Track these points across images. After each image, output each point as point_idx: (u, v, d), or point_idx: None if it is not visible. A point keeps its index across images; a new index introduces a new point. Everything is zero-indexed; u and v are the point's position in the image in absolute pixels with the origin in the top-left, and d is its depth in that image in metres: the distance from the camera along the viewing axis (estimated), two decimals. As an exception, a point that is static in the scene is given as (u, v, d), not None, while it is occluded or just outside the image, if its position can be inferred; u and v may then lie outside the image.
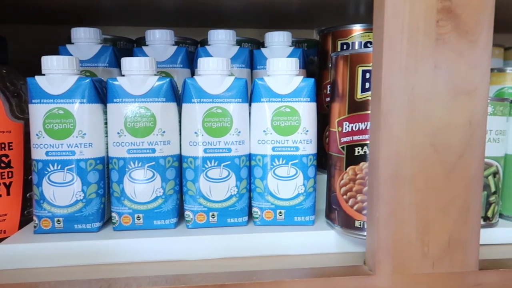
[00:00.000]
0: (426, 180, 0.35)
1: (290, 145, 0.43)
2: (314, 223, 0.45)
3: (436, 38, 0.33)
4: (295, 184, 0.43)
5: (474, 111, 0.34)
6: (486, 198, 0.44)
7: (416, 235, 0.35)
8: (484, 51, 0.34)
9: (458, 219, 0.35)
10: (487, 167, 0.44)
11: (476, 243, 0.36)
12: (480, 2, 0.33)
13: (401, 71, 0.33)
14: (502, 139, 0.44)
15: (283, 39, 0.52)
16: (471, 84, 0.34)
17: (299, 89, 0.43)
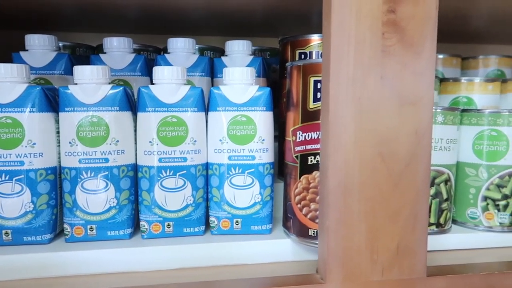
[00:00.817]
0: (375, 189, 0.35)
1: (246, 154, 0.43)
2: (271, 231, 0.45)
3: (382, 50, 0.34)
4: (252, 193, 0.43)
5: (420, 120, 0.35)
6: (438, 205, 0.45)
7: (365, 243, 0.35)
8: (428, 63, 0.35)
9: (406, 226, 0.36)
10: (439, 175, 0.45)
11: (423, 250, 0.37)
12: (423, 15, 0.34)
13: (348, 82, 0.34)
14: (453, 147, 0.46)
15: (242, 47, 0.52)
16: (416, 95, 0.35)
17: (255, 98, 0.43)
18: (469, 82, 0.56)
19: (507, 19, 0.61)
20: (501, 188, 0.46)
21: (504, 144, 0.46)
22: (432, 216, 0.45)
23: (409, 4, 0.34)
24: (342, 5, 0.33)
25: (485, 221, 0.47)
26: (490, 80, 0.56)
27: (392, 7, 0.34)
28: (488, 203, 0.47)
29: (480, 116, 0.47)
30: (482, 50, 0.82)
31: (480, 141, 0.47)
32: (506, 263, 0.43)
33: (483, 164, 0.47)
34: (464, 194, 0.48)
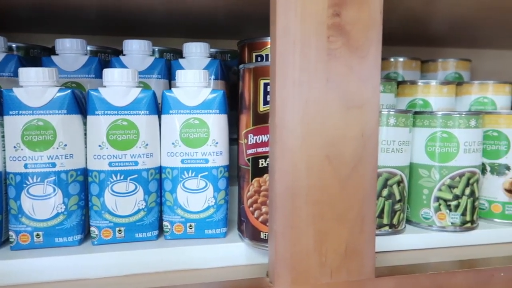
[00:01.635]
0: (322, 191, 0.35)
1: (199, 157, 0.42)
2: (226, 235, 0.44)
3: (328, 54, 0.34)
4: (205, 196, 0.43)
5: (366, 123, 0.36)
6: (391, 206, 0.46)
7: (313, 245, 0.36)
8: (373, 66, 0.35)
9: (354, 228, 0.36)
10: (392, 176, 0.46)
11: (371, 251, 0.37)
12: (368, 19, 0.35)
13: (294, 85, 0.34)
14: (405, 149, 0.46)
15: (200, 50, 0.52)
16: (362, 98, 0.35)
17: (209, 101, 0.42)
18: (425, 85, 0.57)
19: (464, 23, 0.63)
20: (452, 189, 0.47)
21: (455, 146, 0.47)
22: (385, 217, 0.46)
23: (353, 8, 0.34)
24: (286, 9, 0.33)
25: (437, 221, 0.48)
26: (445, 83, 0.57)
27: (337, 11, 0.34)
28: (440, 203, 0.48)
29: (432, 118, 0.48)
30: (442, 53, 0.83)
31: (432, 143, 0.48)
32: (458, 262, 0.44)
33: (435, 165, 0.48)
34: (418, 195, 0.49)
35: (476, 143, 0.48)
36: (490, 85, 0.59)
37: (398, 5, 0.52)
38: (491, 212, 0.52)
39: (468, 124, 0.47)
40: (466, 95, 0.60)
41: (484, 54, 0.86)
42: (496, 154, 0.51)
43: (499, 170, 0.51)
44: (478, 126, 0.48)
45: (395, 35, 0.73)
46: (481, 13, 0.57)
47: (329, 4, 0.34)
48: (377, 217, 0.46)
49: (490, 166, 0.51)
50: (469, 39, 0.77)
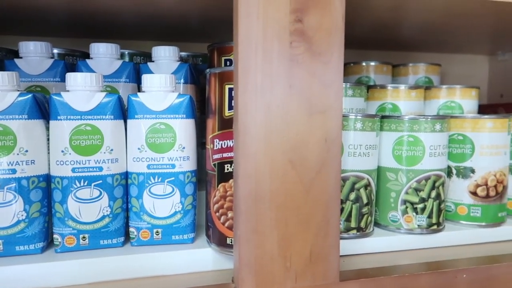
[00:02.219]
0: (286, 196, 0.35)
1: (165, 162, 0.42)
2: (193, 241, 0.44)
3: (290, 59, 0.34)
4: (172, 202, 0.42)
5: (329, 128, 0.36)
6: (358, 210, 0.46)
7: (278, 250, 0.36)
8: (336, 72, 0.36)
9: (318, 232, 0.36)
10: (359, 180, 0.46)
11: (336, 255, 0.37)
12: (331, 25, 0.35)
13: (257, 90, 0.34)
14: (372, 153, 0.47)
15: (169, 53, 0.51)
16: (325, 103, 0.36)
17: (175, 105, 0.42)
18: (394, 89, 0.58)
19: (434, 29, 0.64)
20: (418, 192, 0.48)
21: (421, 150, 0.48)
22: (353, 221, 0.46)
23: (316, 14, 0.35)
24: (248, 14, 0.33)
25: (405, 224, 0.49)
26: (413, 87, 0.58)
27: (299, 16, 0.34)
28: (407, 206, 0.48)
29: (398, 122, 0.48)
30: (415, 57, 0.85)
31: (399, 147, 0.48)
32: (424, 264, 0.45)
33: (402, 168, 0.48)
34: (386, 198, 0.50)
35: (441, 146, 0.48)
36: (457, 89, 0.61)
37: (369, 11, 0.53)
38: (457, 214, 0.53)
39: (433, 128, 0.48)
40: (434, 99, 0.61)
41: (454, 58, 0.88)
42: (461, 157, 0.52)
43: (464, 173, 0.52)
44: (443, 130, 0.48)
45: (368, 39, 0.74)
46: (449, 19, 0.58)
47: (291, 10, 0.34)
48: (345, 220, 0.46)
49: (456, 169, 0.52)
50: (439, 44, 0.78)
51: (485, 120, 0.51)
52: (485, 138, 0.51)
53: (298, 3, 0.34)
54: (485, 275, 0.42)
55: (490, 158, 0.51)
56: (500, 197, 0.52)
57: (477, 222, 0.52)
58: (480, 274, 0.42)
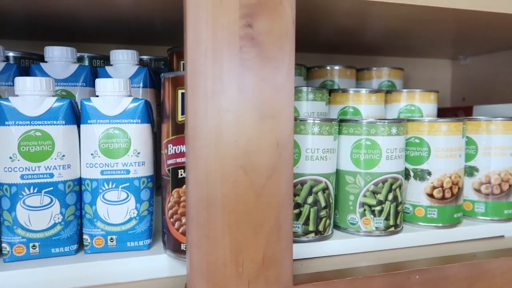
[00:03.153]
0: (238, 201, 0.35)
1: (120, 168, 0.41)
2: (150, 247, 0.43)
3: (241, 64, 0.35)
4: (127, 208, 0.42)
5: (281, 133, 0.36)
6: (316, 213, 0.47)
7: (230, 256, 0.35)
8: (287, 77, 0.36)
9: (271, 237, 0.36)
10: (317, 184, 0.47)
11: (289, 259, 0.37)
12: (281, 30, 0.35)
13: (207, 95, 0.34)
14: (330, 157, 0.47)
15: (127, 57, 0.51)
16: (276, 108, 0.36)
17: (129, 110, 0.42)
18: (356, 93, 0.59)
19: (397, 34, 0.65)
20: (376, 195, 0.49)
21: (378, 153, 0.48)
22: (311, 224, 0.47)
23: (266, 19, 0.35)
24: (197, 19, 0.33)
25: (363, 226, 0.49)
26: (374, 92, 0.59)
27: (249, 21, 0.34)
28: (365, 209, 0.49)
29: (356, 126, 0.49)
30: (380, 61, 0.87)
31: (357, 150, 0.49)
32: (382, 265, 0.45)
33: (360, 172, 0.49)
34: (345, 201, 0.50)
35: (398, 150, 0.49)
36: (417, 93, 0.62)
37: (332, 17, 0.53)
38: (415, 216, 0.54)
39: (389, 132, 0.49)
40: (395, 102, 0.63)
41: (418, 62, 0.90)
42: (418, 160, 0.53)
43: (421, 176, 0.53)
44: (399, 134, 0.49)
45: (334, 44, 0.75)
46: (411, 25, 0.59)
47: (241, 15, 0.34)
48: (303, 224, 0.47)
49: (413, 171, 0.53)
50: (403, 48, 0.80)
51: (440, 123, 0.52)
52: (440, 141, 0.52)
53: (247, 8, 0.34)
54: (437, 276, 0.43)
55: (445, 160, 0.52)
56: (456, 199, 0.53)
57: (434, 223, 0.53)
58: (432, 275, 0.43)
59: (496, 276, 0.46)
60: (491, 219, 0.56)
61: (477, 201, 0.57)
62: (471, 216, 0.57)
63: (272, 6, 0.35)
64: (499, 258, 0.46)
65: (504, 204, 0.56)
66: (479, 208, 0.56)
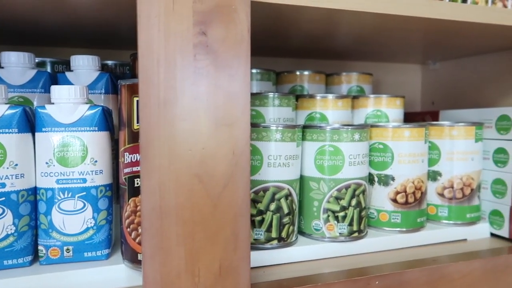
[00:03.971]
0: (193, 211, 0.35)
1: (76, 177, 0.40)
2: (108, 257, 0.43)
3: (195, 72, 0.34)
4: (84, 217, 0.41)
5: (237, 140, 0.36)
6: (279, 220, 0.47)
7: (185, 266, 0.35)
8: (243, 84, 0.36)
9: (228, 246, 0.36)
10: (279, 191, 0.47)
11: (246, 267, 0.37)
12: (236, 38, 0.35)
13: (159, 103, 0.33)
14: (292, 163, 0.47)
15: (87, 62, 0.50)
16: (232, 116, 0.35)
17: (86, 117, 0.41)
18: (322, 98, 0.59)
19: (367, 40, 0.66)
20: (339, 200, 0.49)
21: (341, 159, 0.49)
22: (273, 231, 0.47)
23: (220, 27, 0.35)
24: (149, 26, 0.33)
25: (327, 232, 0.49)
26: (340, 97, 0.59)
27: (203, 29, 0.34)
28: (328, 214, 0.49)
29: (319, 132, 0.49)
30: (352, 66, 0.87)
31: (321, 156, 0.49)
32: (346, 271, 0.45)
33: (324, 178, 0.49)
34: (309, 207, 0.50)
35: (361, 155, 0.50)
36: (383, 99, 0.63)
37: (301, 24, 0.54)
38: (379, 220, 0.54)
39: (352, 138, 0.49)
40: (362, 108, 0.63)
41: (389, 67, 0.91)
42: (382, 165, 0.53)
43: (385, 181, 0.53)
44: (362, 140, 0.50)
45: (304, 49, 0.75)
46: (379, 32, 0.60)
47: (195, 22, 0.34)
48: (265, 231, 0.46)
49: (377, 177, 0.54)
50: (373, 53, 0.81)
51: (403, 129, 0.53)
52: (403, 147, 0.53)
53: (201, 16, 0.34)
54: (397, 281, 0.43)
55: (408, 166, 0.53)
56: (419, 203, 0.54)
57: (398, 228, 0.53)
58: (392, 280, 0.43)
59: (455, 279, 0.46)
60: (454, 223, 0.57)
61: (440, 205, 0.57)
62: (435, 220, 0.58)
63: (226, 13, 0.35)
64: (458, 262, 0.47)
65: (466, 208, 0.57)
66: (442, 212, 0.57)
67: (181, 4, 0.33)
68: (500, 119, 0.57)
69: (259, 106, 0.55)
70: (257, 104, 0.55)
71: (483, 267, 0.48)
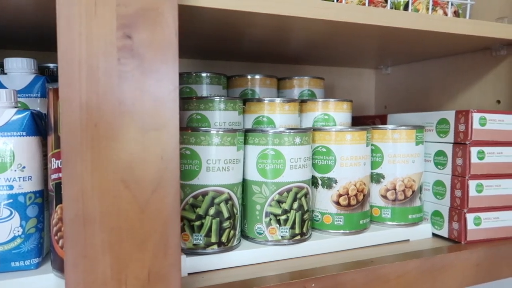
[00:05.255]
0: (119, 217, 0.34)
1: (2, 183, 0.39)
2: (38, 266, 0.41)
3: (119, 76, 0.34)
4: (10, 226, 0.39)
5: (166, 145, 0.35)
6: (219, 225, 0.46)
7: (111, 274, 0.34)
8: (171, 88, 0.35)
9: (157, 253, 0.36)
10: (218, 195, 0.46)
11: (177, 274, 0.37)
12: (163, 42, 0.35)
13: (81, 108, 0.33)
14: (233, 167, 0.47)
15: (22, 65, 0.48)
16: (160, 120, 0.35)
17: (13, 122, 0.39)
18: (269, 102, 0.59)
19: (319, 45, 0.67)
20: (281, 204, 0.49)
21: (282, 163, 0.49)
22: (213, 236, 0.46)
23: (146, 30, 0.34)
24: (70, 29, 0.32)
25: (269, 236, 0.50)
26: (287, 101, 0.60)
27: (127, 33, 0.34)
28: (270, 218, 0.49)
29: (261, 136, 0.49)
30: (307, 71, 0.88)
31: (263, 160, 0.49)
32: (283, 275, 0.46)
33: (265, 181, 0.49)
34: (252, 211, 0.50)
35: (302, 159, 0.50)
36: (331, 103, 0.63)
37: (251, 29, 0.54)
38: (323, 223, 0.55)
39: (293, 142, 0.49)
40: (310, 112, 0.64)
41: (344, 72, 0.93)
42: (325, 168, 0.54)
43: (328, 184, 0.54)
44: (303, 143, 0.50)
45: (256, 53, 0.75)
46: (331, 38, 0.61)
47: (119, 26, 0.33)
48: (205, 236, 0.46)
49: (321, 180, 0.54)
50: (328, 58, 0.82)
51: (345, 133, 0.54)
52: (345, 150, 0.53)
53: (125, 19, 0.33)
54: (334, 283, 0.44)
55: (350, 168, 0.54)
56: (361, 206, 0.55)
57: (342, 230, 0.54)
58: (328, 282, 0.44)
59: (391, 280, 0.47)
60: (397, 224, 0.58)
61: (384, 207, 0.59)
62: (379, 222, 0.59)
63: (152, 17, 0.34)
64: (394, 263, 0.48)
65: (408, 209, 0.58)
66: (385, 213, 0.59)
67: (103, 7, 0.33)
68: (440, 122, 0.59)
69: (204, 110, 0.55)
70: (202, 108, 0.55)
71: (419, 267, 0.49)
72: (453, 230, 0.56)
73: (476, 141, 0.55)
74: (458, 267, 0.52)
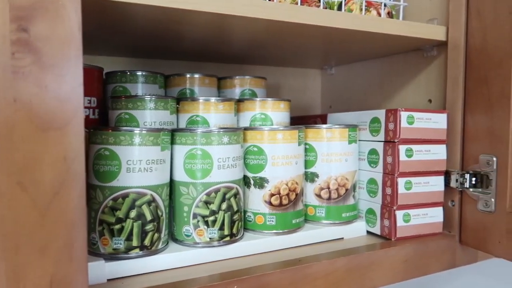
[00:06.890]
0: (16, 222, 0.32)
1: None
2: None
3: (14, 72, 0.31)
4: None
5: (69, 145, 0.33)
6: (140, 228, 0.45)
7: (6, 283, 0.32)
8: (74, 85, 0.34)
9: (61, 258, 0.34)
10: (140, 197, 0.45)
11: (83, 280, 0.35)
12: (65, 36, 0.33)
13: (-31, 105, 0.30)
14: (156, 168, 0.46)
15: None
16: (62, 119, 0.33)
17: None
18: (204, 101, 0.58)
19: (263, 45, 0.67)
20: (208, 205, 0.48)
21: (209, 163, 0.48)
22: (134, 240, 0.45)
23: (45, 23, 0.32)
24: (-46, 20, 0.30)
25: (197, 238, 0.49)
26: (222, 100, 0.59)
27: (23, 25, 0.32)
28: (198, 220, 0.48)
29: (188, 136, 0.48)
30: (251, 70, 0.88)
31: (190, 160, 0.48)
32: (208, 277, 0.45)
33: (193, 182, 0.48)
34: (180, 213, 0.49)
35: (231, 159, 0.49)
36: (268, 102, 0.63)
37: (191, 27, 0.53)
38: (256, 223, 0.54)
39: (220, 141, 0.48)
40: (247, 111, 0.63)
41: (290, 72, 0.93)
42: (257, 168, 0.54)
43: (260, 183, 0.54)
44: (232, 143, 0.49)
45: (198, 52, 0.74)
46: (273, 37, 0.61)
47: (12, 18, 0.31)
48: (126, 240, 0.44)
49: (253, 179, 0.54)
50: (273, 58, 0.82)
51: (276, 132, 0.53)
52: (276, 149, 0.53)
53: (20, 11, 0.31)
54: (258, 284, 0.43)
55: (281, 168, 0.54)
56: (294, 205, 0.55)
57: (274, 230, 0.54)
58: (252, 284, 0.43)
59: (318, 278, 0.47)
60: (331, 223, 0.59)
61: (318, 206, 0.59)
62: (314, 221, 0.59)
63: (51, 9, 0.32)
64: (322, 261, 0.48)
65: (342, 207, 0.59)
66: (320, 212, 0.59)
67: (-6, -3, 0.31)
68: (372, 121, 0.60)
69: (132, 110, 0.53)
70: (130, 107, 0.53)
71: (347, 265, 0.50)
72: (385, 227, 0.57)
73: (405, 139, 0.56)
74: (386, 264, 0.53)
